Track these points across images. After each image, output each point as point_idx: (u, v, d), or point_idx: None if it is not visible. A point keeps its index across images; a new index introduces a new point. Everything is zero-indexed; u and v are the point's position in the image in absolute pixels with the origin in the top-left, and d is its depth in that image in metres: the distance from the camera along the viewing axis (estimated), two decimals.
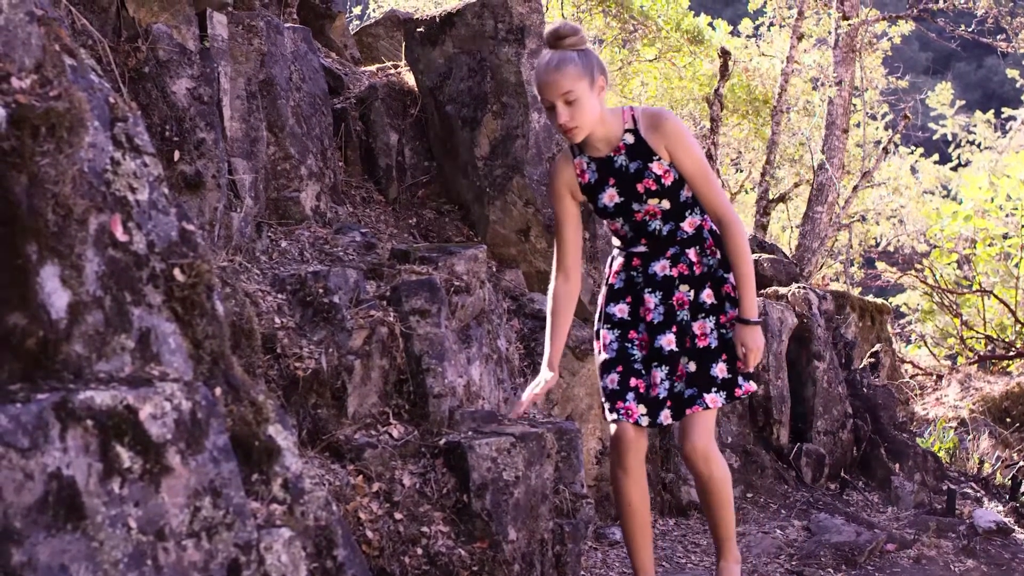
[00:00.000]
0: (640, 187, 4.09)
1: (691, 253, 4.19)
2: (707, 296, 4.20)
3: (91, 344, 2.27)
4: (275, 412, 2.73)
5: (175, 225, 2.57)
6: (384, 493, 4.41)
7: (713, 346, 4.17)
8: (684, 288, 4.19)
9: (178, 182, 4.76)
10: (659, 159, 4.06)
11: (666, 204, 4.12)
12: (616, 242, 4.35)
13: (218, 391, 2.55)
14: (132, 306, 2.38)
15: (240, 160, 5.39)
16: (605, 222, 4.33)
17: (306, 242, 5.65)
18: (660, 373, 4.16)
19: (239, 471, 2.44)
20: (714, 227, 4.24)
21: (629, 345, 4.23)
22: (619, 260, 4.31)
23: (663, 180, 4.07)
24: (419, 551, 4.30)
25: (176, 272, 2.53)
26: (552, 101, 3.92)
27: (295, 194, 5.90)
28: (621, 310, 4.27)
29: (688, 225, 4.19)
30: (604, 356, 4.26)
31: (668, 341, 4.16)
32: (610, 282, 4.33)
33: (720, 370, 4.16)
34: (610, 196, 4.14)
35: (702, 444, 4.14)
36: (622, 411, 4.15)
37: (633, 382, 4.18)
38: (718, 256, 4.22)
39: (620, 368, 4.20)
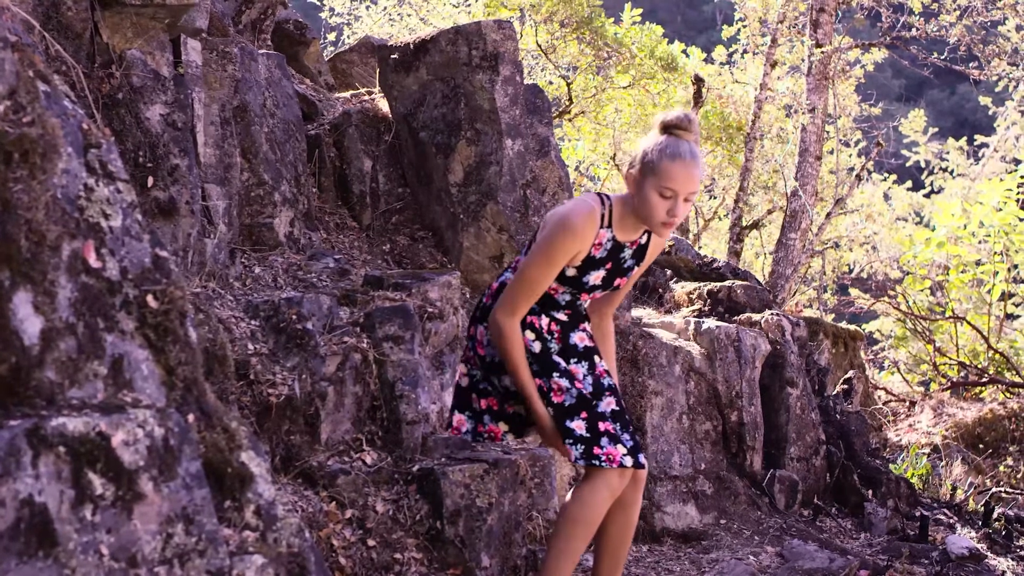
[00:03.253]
0: (618, 281, 4.07)
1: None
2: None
3: (64, 370, 2.27)
4: (248, 439, 2.73)
5: (148, 251, 2.57)
6: (357, 520, 4.40)
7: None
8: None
9: (151, 208, 4.76)
10: (640, 265, 4.09)
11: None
12: (529, 303, 4.01)
13: (191, 418, 2.54)
14: (105, 332, 2.38)
15: (214, 186, 5.39)
16: (551, 285, 4.01)
17: (280, 268, 5.65)
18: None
19: (212, 498, 2.43)
20: None
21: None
22: (544, 319, 4.02)
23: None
24: None
25: (149, 299, 2.53)
26: (677, 192, 3.75)
27: (269, 220, 5.90)
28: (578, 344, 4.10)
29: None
30: (582, 390, 3.93)
31: (608, 403, 3.95)
32: (551, 330, 4.05)
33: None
34: (597, 276, 3.99)
35: None
36: (628, 442, 3.90)
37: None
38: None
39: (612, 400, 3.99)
